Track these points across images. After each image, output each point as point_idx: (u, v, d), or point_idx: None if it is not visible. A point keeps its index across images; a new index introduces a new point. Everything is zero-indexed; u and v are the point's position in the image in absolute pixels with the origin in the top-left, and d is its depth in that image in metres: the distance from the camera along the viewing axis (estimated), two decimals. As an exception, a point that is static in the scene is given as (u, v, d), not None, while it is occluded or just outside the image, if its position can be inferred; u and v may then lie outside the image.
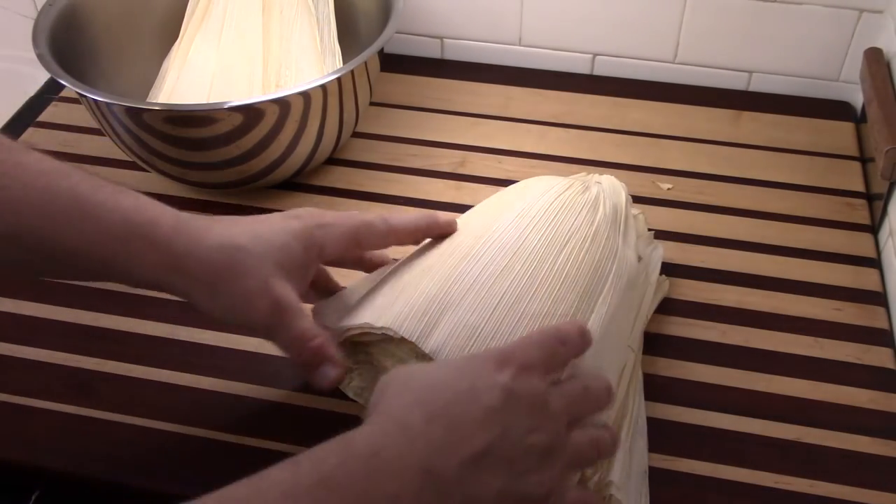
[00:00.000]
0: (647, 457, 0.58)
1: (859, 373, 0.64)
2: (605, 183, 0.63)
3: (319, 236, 0.55)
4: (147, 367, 0.64)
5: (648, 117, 0.87)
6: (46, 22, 0.75)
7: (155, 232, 0.50)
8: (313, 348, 0.53)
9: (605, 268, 0.57)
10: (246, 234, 0.53)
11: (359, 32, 0.84)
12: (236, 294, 0.51)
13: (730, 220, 0.76)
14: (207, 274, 0.51)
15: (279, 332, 0.53)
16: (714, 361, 0.65)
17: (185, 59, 0.81)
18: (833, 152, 0.83)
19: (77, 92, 0.70)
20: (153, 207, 0.52)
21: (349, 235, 0.56)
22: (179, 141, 0.71)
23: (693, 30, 0.88)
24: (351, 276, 0.62)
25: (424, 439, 0.42)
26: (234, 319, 0.53)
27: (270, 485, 0.38)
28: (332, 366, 0.53)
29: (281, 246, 0.53)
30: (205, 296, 0.52)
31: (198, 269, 0.51)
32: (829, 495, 0.57)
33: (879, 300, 0.69)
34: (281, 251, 0.53)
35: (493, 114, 0.88)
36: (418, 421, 0.42)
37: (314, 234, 0.54)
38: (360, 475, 0.40)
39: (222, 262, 0.51)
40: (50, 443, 0.60)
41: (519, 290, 0.54)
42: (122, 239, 0.50)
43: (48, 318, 0.68)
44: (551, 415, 0.45)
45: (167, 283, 0.52)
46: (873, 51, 0.81)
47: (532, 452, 0.44)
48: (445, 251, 0.57)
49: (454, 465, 0.41)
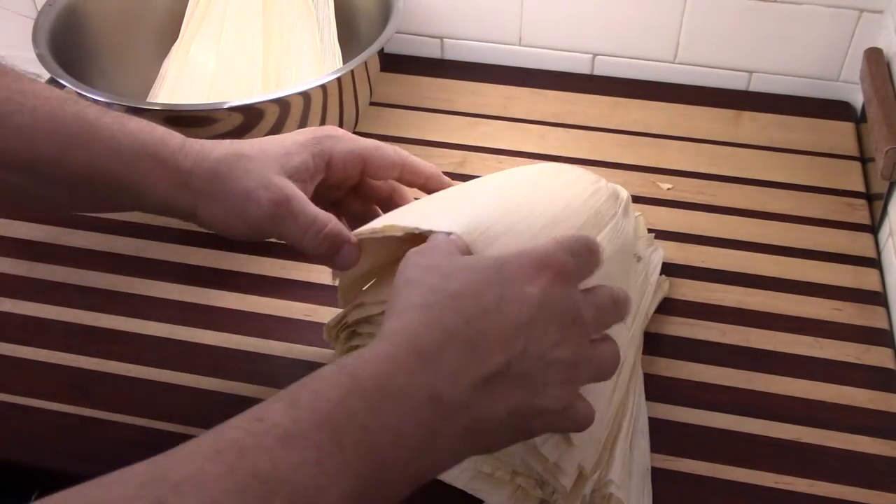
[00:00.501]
0: (649, 456, 0.58)
1: (859, 373, 0.64)
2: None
3: (328, 146, 0.54)
4: (147, 367, 0.64)
5: (648, 117, 0.87)
6: (46, 22, 0.75)
7: (162, 151, 0.51)
8: (329, 234, 0.51)
9: (604, 219, 0.57)
10: (253, 145, 0.53)
11: (359, 32, 0.84)
12: (237, 193, 0.51)
13: (730, 220, 0.76)
14: (211, 183, 0.51)
15: (287, 223, 0.51)
16: (714, 361, 0.65)
17: (185, 59, 0.81)
18: (833, 152, 0.83)
19: (77, 92, 0.70)
20: (160, 129, 0.52)
21: (358, 153, 0.55)
22: (179, 141, 0.71)
23: (693, 30, 0.88)
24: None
25: (436, 366, 0.40)
26: (237, 222, 0.52)
27: (267, 428, 0.36)
28: (351, 246, 0.52)
29: (286, 151, 0.53)
30: (208, 206, 0.52)
31: (202, 182, 0.51)
32: (829, 495, 0.57)
33: (879, 300, 0.69)
34: (285, 155, 0.52)
35: (493, 114, 0.88)
36: (433, 345, 0.40)
37: (323, 142, 0.54)
38: (363, 412, 0.38)
39: (224, 171, 0.51)
40: (50, 443, 0.60)
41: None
42: (131, 160, 0.50)
43: (48, 318, 0.68)
44: (582, 327, 0.43)
45: (175, 201, 0.52)
46: (873, 51, 0.81)
47: (555, 366, 0.42)
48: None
49: (463, 390, 0.39)
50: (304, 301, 0.68)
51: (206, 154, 0.52)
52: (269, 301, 0.69)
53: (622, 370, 0.58)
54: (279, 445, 0.35)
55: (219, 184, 0.51)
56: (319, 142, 0.54)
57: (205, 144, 0.52)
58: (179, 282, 0.70)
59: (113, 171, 0.50)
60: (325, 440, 0.36)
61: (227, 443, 0.35)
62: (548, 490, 0.54)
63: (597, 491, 0.54)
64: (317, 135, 0.54)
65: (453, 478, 0.56)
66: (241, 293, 0.69)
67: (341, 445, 0.36)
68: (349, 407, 0.37)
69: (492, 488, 0.56)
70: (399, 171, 0.57)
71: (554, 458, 0.51)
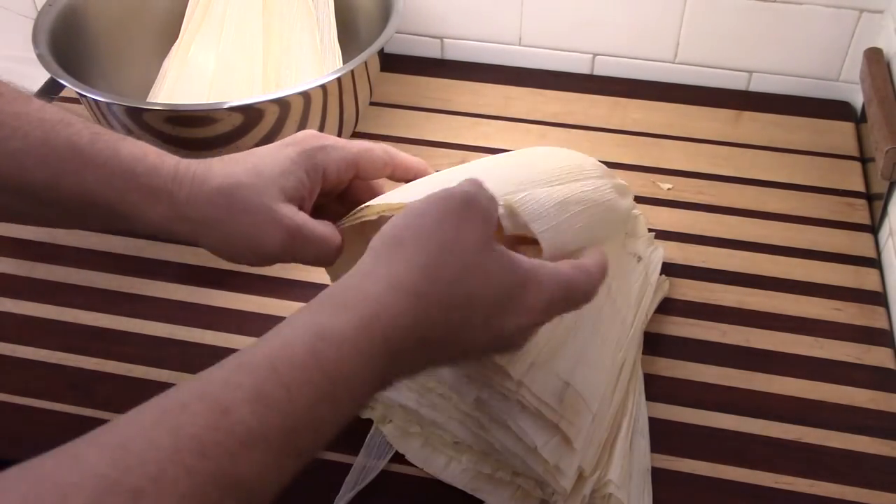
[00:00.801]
0: (649, 456, 0.58)
1: (859, 373, 0.64)
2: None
3: (321, 159, 0.54)
4: (147, 367, 0.64)
5: (648, 117, 0.87)
6: (46, 22, 0.75)
7: (154, 181, 0.50)
8: (340, 248, 0.53)
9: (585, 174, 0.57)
10: (246, 171, 0.52)
11: (359, 32, 0.84)
12: (245, 230, 0.51)
13: (730, 220, 0.76)
14: (211, 218, 0.51)
15: (301, 252, 0.52)
16: (714, 361, 0.65)
17: (185, 59, 0.81)
18: (833, 152, 0.83)
19: (77, 92, 0.70)
20: (153, 154, 0.51)
21: (350, 159, 0.55)
22: (180, 141, 0.71)
23: (693, 30, 0.88)
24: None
25: (403, 365, 0.42)
26: (250, 255, 0.52)
27: (231, 425, 0.35)
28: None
29: (282, 173, 0.52)
30: (213, 239, 0.51)
31: (201, 215, 0.50)
32: (829, 495, 0.57)
33: (879, 300, 0.69)
34: (283, 177, 0.52)
35: (493, 114, 0.88)
36: (407, 352, 0.41)
37: (316, 157, 0.53)
38: (329, 418, 0.38)
39: (224, 203, 0.50)
40: (50, 443, 0.59)
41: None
42: (123, 190, 0.50)
43: (48, 318, 0.68)
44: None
45: (172, 232, 0.51)
46: (873, 51, 0.81)
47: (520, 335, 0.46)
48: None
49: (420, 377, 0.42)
50: (303, 301, 0.68)
51: (200, 183, 0.51)
52: (269, 301, 0.69)
53: (622, 370, 0.58)
54: (242, 448, 0.35)
55: (222, 220, 0.51)
56: (312, 156, 0.53)
57: (198, 171, 0.51)
58: (179, 282, 0.70)
59: (105, 198, 0.50)
60: (286, 444, 0.36)
61: (187, 439, 0.34)
62: (548, 490, 0.54)
63: (596, 491, 0.54)
64: (307, 148, 0.54)
65: (453, 478, 0.57)
66: (241, 293, 0.69)
67: (298, 449, 0.37)
68: (318, 414, 0.38)
69: (492, 489, 0.56)
70: (391, 170, 0.57)
71: (554, 461, 0.51)
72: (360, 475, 0.57)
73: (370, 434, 0.59)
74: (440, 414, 0.55)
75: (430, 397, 0.55)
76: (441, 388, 0.54)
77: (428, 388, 0.55)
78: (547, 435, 0.51)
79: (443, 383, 0.54)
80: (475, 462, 0.56)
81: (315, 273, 0.70)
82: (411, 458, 0.58)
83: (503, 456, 0.54)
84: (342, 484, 0.56)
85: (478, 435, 0.54)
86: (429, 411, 0.55)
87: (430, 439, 0.58)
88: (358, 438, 0.59)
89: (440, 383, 0.54)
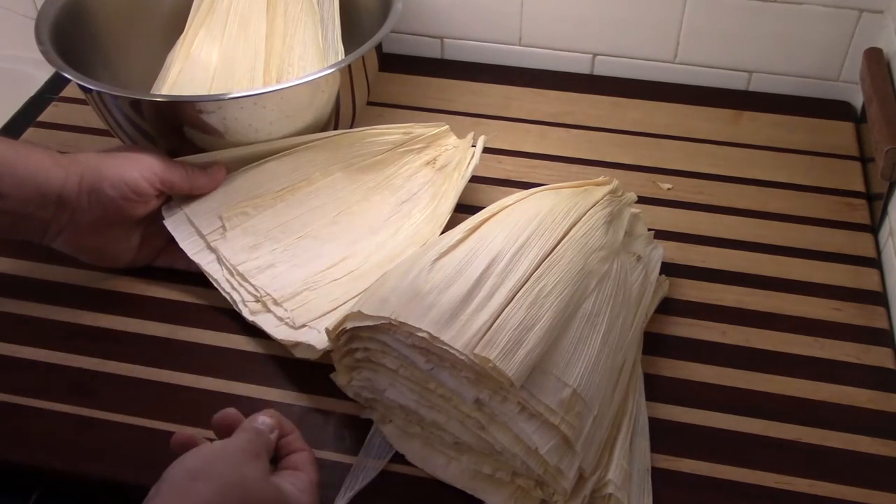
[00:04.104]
0: (649, 456, 0.58)
1: (859, 373, 0.64)
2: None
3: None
4: (147, 367, 0.64)
5: (648, 117, 0.87)
6: (49, 17, 0.75)
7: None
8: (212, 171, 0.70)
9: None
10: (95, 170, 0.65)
11: (363, 32, 0.84)
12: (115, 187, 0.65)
13: (730, 220, 0.76)
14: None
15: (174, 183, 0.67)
16: (714, 361, 0.65)
17: (189, 52, 0.81)
18: (833, 152, 0.83)
19: (82, 85, 0.69)
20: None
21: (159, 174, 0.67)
22: (182, 133, 0.71)
23: (693, 30, 0.88)
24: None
25: None
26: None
27: None
28: (220, 167, 0.70)
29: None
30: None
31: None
32: (829, 495, 0.57)
33: (879, 300, 0.69)
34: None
35: (493, 114, 0.88)
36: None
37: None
38: None
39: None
40: (50, 443, 0.60)
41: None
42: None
43: (48, 318, 0.68)
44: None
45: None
46: (873, 51, 0.81)
47: None
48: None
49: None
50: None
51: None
52: (269, 301, 0.69)
53: (622, 370, 0.58)
54: None
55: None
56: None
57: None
58: (179, 282, 0.70)
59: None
60: None
61: None
62: (548, 491, 0.54)
63: (596, 491, 0.54)
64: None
65: (453, 478, 0.57)
66: (241, 293, 0.69)
67: None
68: None
69: (492, 489, 0.56)
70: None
71: (555, 462, 0.51)
72: (360, 475, 0.57)
73: (370, 434, 0.59)
74: (440, 414, 0.55)
75: (431, 398, 0.55)
76: (441, 389, 0.54)
77: (428, 388, 0.55)
78: (548, 436, 0.51)
79: (443, 384, 0.54)
80: (475, 462, 0.56)
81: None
82: (411, 458, 0.58)
83: (503, 456, 0.54)
84: (342, 484, 0.56)
85: (478, 435, 0.54)
86: (429, 412, 0.55)
87: (430, 439, 0.58)
88: (358, 438, 0.59)
89: (441, 384, 0.54)
